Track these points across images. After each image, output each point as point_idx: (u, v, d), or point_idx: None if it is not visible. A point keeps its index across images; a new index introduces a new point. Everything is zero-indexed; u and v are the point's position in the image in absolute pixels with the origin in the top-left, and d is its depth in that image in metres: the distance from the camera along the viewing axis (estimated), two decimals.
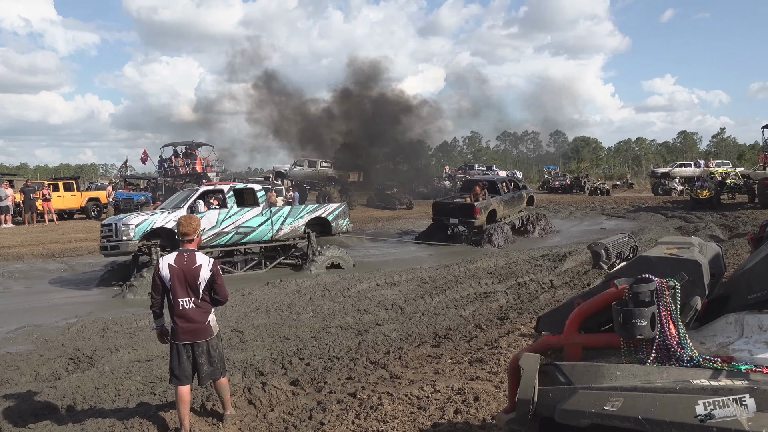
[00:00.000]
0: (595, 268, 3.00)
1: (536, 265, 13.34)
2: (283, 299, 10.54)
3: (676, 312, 2.40)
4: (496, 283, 11.68)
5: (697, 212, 27.42)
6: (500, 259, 14.21)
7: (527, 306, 9.72)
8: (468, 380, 5.93)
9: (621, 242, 3.20)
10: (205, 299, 4.91)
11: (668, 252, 2.75)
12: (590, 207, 35.06)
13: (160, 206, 14.83)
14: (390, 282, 11.90)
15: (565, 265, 13.17)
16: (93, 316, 9.86)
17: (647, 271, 2.50)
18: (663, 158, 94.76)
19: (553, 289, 11.02)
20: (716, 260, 3.09)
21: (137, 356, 7.53)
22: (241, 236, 13.83)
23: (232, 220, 13.68)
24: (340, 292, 11.00)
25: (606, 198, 41.00)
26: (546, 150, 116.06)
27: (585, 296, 2.67)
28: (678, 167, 47.23)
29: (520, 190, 23.04)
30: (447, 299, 10.41)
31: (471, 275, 12.50)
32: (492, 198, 20.08)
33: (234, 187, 14.26)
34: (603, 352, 2.53)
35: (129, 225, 12.68)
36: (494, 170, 53.22)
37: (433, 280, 12.09)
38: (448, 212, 19.69)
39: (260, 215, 14.09)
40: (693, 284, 2.52)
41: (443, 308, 9.79)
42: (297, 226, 14.75)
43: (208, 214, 13.34)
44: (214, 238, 13.46)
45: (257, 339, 8.18)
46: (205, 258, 4.95)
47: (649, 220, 25.82)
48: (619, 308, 2.35)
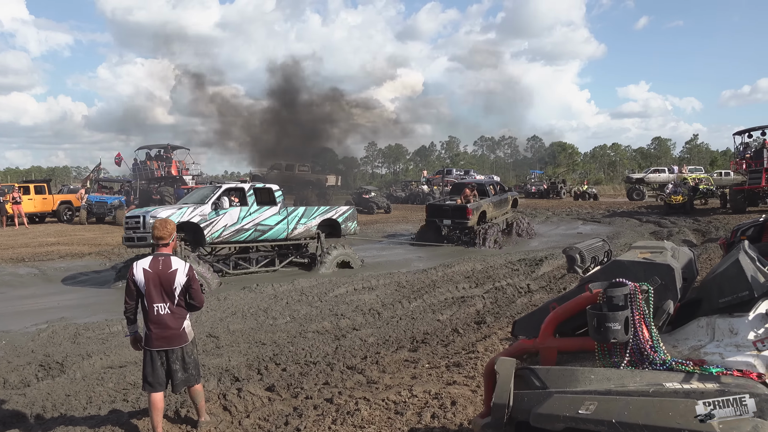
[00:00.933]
0: (570, 273, 3.03)
1: (513, 270, 13.43)
2: (259, 304, 10.46)
3: (649, 316, 2.44)
4: (474, 287, 11.73)
5: (671, 217, 27.88)
6: (477, 264, 14.29)
7: (504, 310, 9.77)
8: (445, 385, 5.94)
9: (595, 247, 3.23)
10: (180, 305, 4.85)
11: (642, 256, 2.79)
12: (566, 212, 35.46)
13: (182, 201, 15.16)
14: (367, 286, 11.89)
15: (541, 270, 13.28)
16: (64, 321, 9.69)
17: (621, 276, 2.53)
18: (638, 164, 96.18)
19: (530, 293, 11.10)
20: (688, 265, 3.14)
21: (110, 362, 7.42)
22: (259, 234, 14.29)
23: (252, 218, 14.16)
24: (318, 297, 10.96)
25: (582, 203, 41.48)
26: (523, 155, 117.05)
27: (560, 300, 2.69)
28: (652, 173, 47.96)
29: (505, 192, 23.89)
30: (424, 304, 10.43)
31: (448, 279, 12.54)
32: (482, 200, 20.83)
33: (254, 185, 14.81)
34: (578, 356, 2.55)
35: (157, 217, 12.69)
36: (472, 175, 53.55)
37: (410, 284, 12.11)
38: (441, 214, 20.42)
39: (277, 214, 14.59)
40: (666, 288, 2.56)
41: (421, 313, 9.80)
42: (310, 226, 15.26)
43: (231, 211, 13.83)
44: (234, 234, 13.90)
45: (233, 344, 8.11)
46: (181, 262, 4.90)
47: (624, 225, 26.17)
48: (593, 312, 2.38)
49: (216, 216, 13.60)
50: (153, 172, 35.10)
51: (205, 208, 13.55)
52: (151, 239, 4.96)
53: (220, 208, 13.65)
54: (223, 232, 13.70)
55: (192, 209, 13.44)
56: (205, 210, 13.53)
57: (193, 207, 13.55)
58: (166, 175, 35.26)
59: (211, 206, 13.60)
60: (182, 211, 13.32)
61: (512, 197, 24.37)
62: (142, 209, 14.31)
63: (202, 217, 13.44)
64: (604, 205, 38.34)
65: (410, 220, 31.27)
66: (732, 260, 2.71)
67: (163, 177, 35.18)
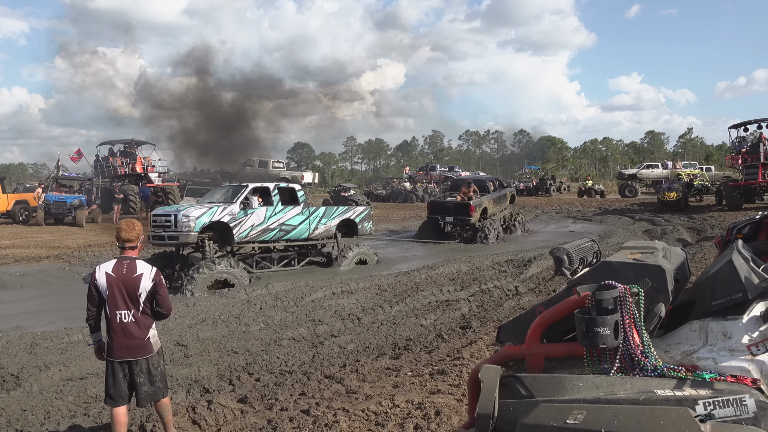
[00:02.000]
0: (558, 275, 3.05)
1: (500, 271, 13.50)
2: (231, 310, 10.41)
3: (639, 320, 2.46)
4: (459, 290, 11.78)
5: (664, 215, 28.24)
6: (463, 265, 14.35)
7: (491, 314, 9.83)
8: (429, 394, 5.96)
9: (584, 247, 3.26)
10: (145, 312, 4.81)
11: (632, 257, 2.82)
12: (556, 210, 35.74)
13: (205, 199, 15.77)
14: (347, 290, 11.89)
15: (530, 271, 13.37)
16: (20, 330, 9.55)
17: (610, 277, 2.56)
18: (630, 159, 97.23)
19: (518, 296, 11.17)
20: (681, 266, 3.17)
21: (69, 374, 7.32)
22: (283, 233, 15.10)
23: (278, 218, 14.93)
24: (293, 302, 10.93)
25: (572, 200, 41.82)
26: (510, 150, 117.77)
27: (547, 304, 2.71)
28: (645, 168, 48.51)
29: (504, 188, 24.74)
30: (407, 308, 10.45)
31: (432, 282, 12.58)
32: (483, 196, 21.65)
33: (279, 185, 15.70)
34: (566, 363, 2.57)
35: (190, 216, 13.53)
36: (456, 171, 53.79)
37: (392, 287, 12.12)
38: (443, 211, 21.32)
39: (300, 214, 15.42)
40: (657, 290, 2.59)
41: (403, 318, 9.82)
42: (330, 226, 16.18)
43: (258, 211, 14.52)
44: (261, 233, 14.63)
45: (203, 353, 8.06)
46: (147, 266, 4.85)
47: (616, 224, 26.45)
48: (581, 316, 2.39)
49: (244, 216, 14.29)
50: (116, 170, 34.72)
51: (234, 208, 14.19)
52: (117, 242, 4.91)
53: (248, 208, 14.38)
54: (250, 232, 14.38)
55: (222, 208, 14.03)
56: (234, 209, 14.18)
57: (223, 206, 14.13)
58: (130, 173, 34.88)
59: (239, 205, 14.27)
60: (213, 210, 13.91)
61: (510, 193, 25.30)
62: (172, 207, 15.50)
63: (232, 216, 14.08)
64: (595, 203, 38.72)
65: (392, 219, 31.32)
66: (725, 260, 2.75)
67: (127, 174, 34.79)
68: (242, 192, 14.65)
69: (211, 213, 13.80)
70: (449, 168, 57.40)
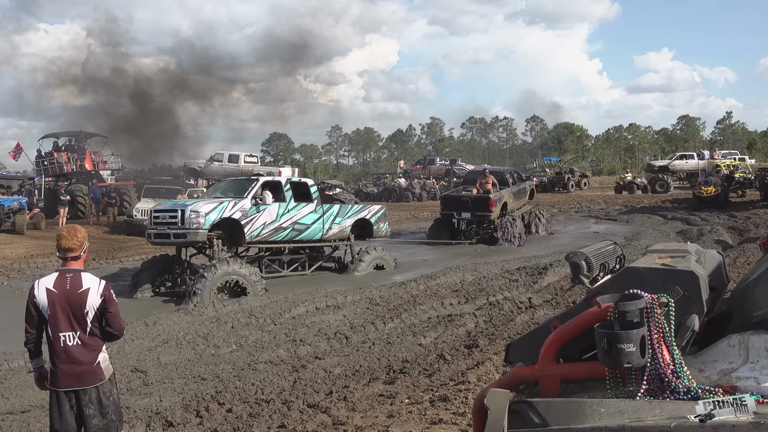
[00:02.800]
0: (575, 284, 3.06)
1: (511, 280, 13.55)
2: (198, 329, 10.40)
3: (669, 334, 2.47)
4: (463, 303, 11.82)
5: (701, 213, 28.40)
6: (467, 274, 14.40)
7: (501, 330, 9.86)
8: (429, 424, 5.97)
9: (605, 251, 3.27)
10: (94, 333, 4.78)
11: (660, 262, 2.83)
12: (575, 208, 35.88)
13: (210, 194, 16.40)
14: (333, 305, 11.90)
15: (546, 280, 13.42)
16: None
17: (636, 286, 2.56)
18: (661, 148, 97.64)
19: (532, 309, 11.22)
20: (717, 271, 3.19)
21: (9, 407, 7.30)
22: (296, 233, 15.72)
23: (290, 215, 15.53)
24: (270, 319, 10.94)
25: (594, 197, 41.92)
26: (522, 139, 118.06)
27: (563, 318, 2.72)
28: (678, 159, 48.68)
29: (523, 182, 25.49)
30: (403, 324, 10.47)
31: (432, 294, 12.61)
32: (503, 190, 22.22)
33: (290, 179, 16.44)
34: (585, 385, 2.58)
35: (200, 212, 13.99)
36: (459, 164, 53.84)
37: (385, 301, 12.15)
38: (459, 206, 21.78)
39: (314, 212, 16.05)
40: (689, 300, 2.60)
41: (398, 336, 9.84)
42: (344, 226, 16.89)
43: (270, 207, 15.00)
44: (272, 233, 15.19)
45: (165, 380, 8.05)
46: (94, 280, 4.83)
47: (645, 223, 26.60)
48: (602, 331, 2.40)
49: (256, 212, 14.80)
50: (62, 167, 34.51)
51: (245, 203, 14.68)
52: (58, 252, 4.89)
53: (261, 204, 14.86)
54: (261, 231, 14.82)
55: (233, 204, 14.51)
56: (245, 205, 14.66)
57: (234, 201, 14.62)
58: (78, 170, 34.71)
59: (250, 201, 14.77)
60: (224, 206, 14.33)
61: (530, 187, 26.02)
62: (178, 202, 16.01)
63: (243, 213, 14.51)
64: (620, 200, 38.88)
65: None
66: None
67: (75, 172, 34.63)
68: (253, 186, 15.17)
69: (221, 209, 14.23)
70: (450, 161, 57.36)
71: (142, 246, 23.56)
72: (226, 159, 37.20)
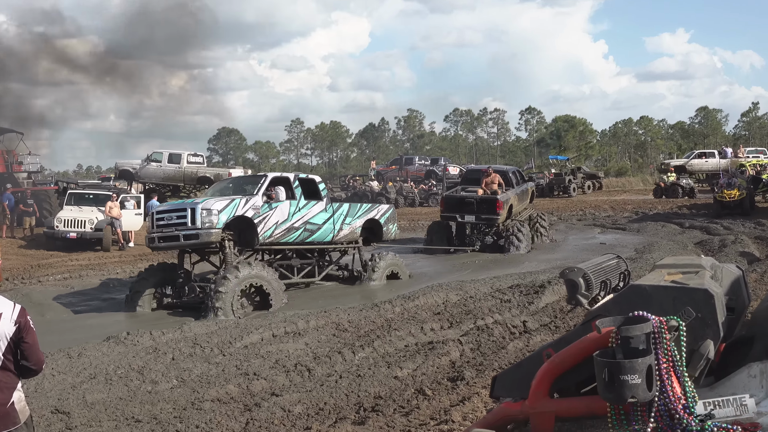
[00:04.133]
0: (572, 304, 3.10)
1: (503, 301, 13.60)
2: (131, 361, 10.31)
3: (680, 363, 2.51)
4: (447, 327, 11.84)
5: (724, 220, 28.68)
6: (451, 293, 14.43)
7: (490, 360, 9.89)
8: None
9: (606, 267, 3.31)
10: (6, 368, 4.73)
11: (669, 279, 2.87)
12: (577, 215, 36.13)
13: (212, 192, 17.19)
14: (292, 331, 11.86)
15: (543, 300, 13.50)
16: None
17: (641, 307, 2.60)
18: (676, 145, 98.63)
19: (527, 334, 11.28)
20: (736, 289, 3.22)
21: None
22: (308, 234, 16.60)
23: (302, 214, 16.42)
24: (218, 348, 10.87)
25: (599, 202, 42.19)
26: (515, 135, 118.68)
27: (557, 345, 2.75)
28: (697, 158, 49.13)
29: (525, 182, 26.43)
30: (376, 354, 10.47)
31: (410, 318, 12.62)
32: (509, 190, 23.04)
33: (298, 175, 17.34)
34: (584, 424, 2.61)
35: (212, 210, 14.65)
36: (442, 164, 53.92)
37: (355, 326, 12.13)
38: (462, 208, 22.53)
39: (324, 211, 17.01)
40: (703, 323, 2.64)
41: (370, 367, 9.83)
42: (355, 227, 17.83)
43: (282, 205, 15.88)
44: (285, 233, 16.00)
45: (92, 423, 7.98)
46: (8, 304, 4.77)
47: (658, 233, 26.84)
48: (603, 360, 2.43)
49: (268, 210, 15.59)
50: None
51: (257, 200, 15.48)
52: None
53: (274, 201, 15.71)
54: (274, 231, 15.56)
55: (245, 201, 15.25)
56: (257, 202, 15.45)
57: (246, 198, 15.39)
58: None
59: (261, 197, 15.59)
60: (236, 203, 15.07)
61: (531, 188, 27.00)
62: (187, 201, 16.92)
63: (255, 210, 15.22)
64: (630, 205, 39.22)
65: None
66: None
67: None
68: (262, 182, 16.02)
69: (233, 206, 14.94)
70: (431, 160, 57.45)
71: (66, 262, 23.37)
72: (165, 159, 36.89)
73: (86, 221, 26.98)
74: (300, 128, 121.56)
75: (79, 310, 15.96)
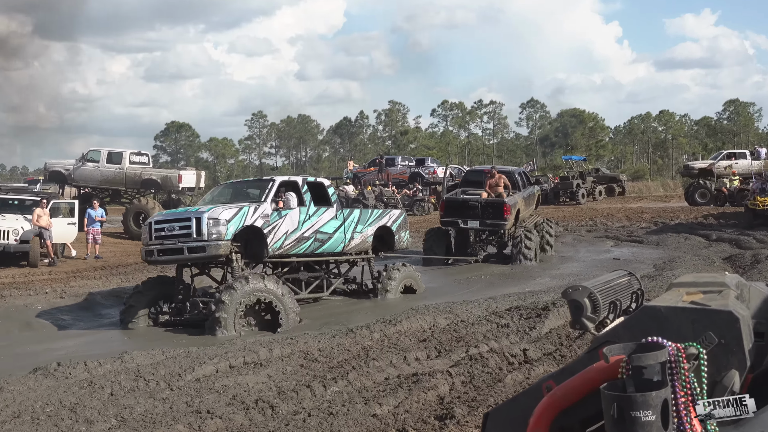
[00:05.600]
0: (576, 329, 3.12)
1: (500, 326, 13.63)
2: (62, 397, 10.25)
3: (701, 397, 2.53)
4: (434, 357, 11.85)
5: (757, 231, 28.83)
6: (440, 317, 14.44)
7: (485, 395, 9.90)
8: None
9: (616, 285, 3.33)
10: None
11: (688, 299, 2.89)
12: (586, 226, 36.25)
13: (213, 200, 17.48)
14: (253, 361, 11.84)
15: (546, 324, 13.52)
16: None
17: (656, 332, 2.62)
18: (701, 144, 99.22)
19: (528, 364, 11.30)
20: (765, 311, 3.24)
21: None
22: (318, 244, 17.37)
23: (312, 222, 17.14)
24: (165, 382, 10.83)
25: (611, 210, 42.30)
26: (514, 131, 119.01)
27: (559, 376, 2.77)
28: (725, 159, 49.34)
29: (531, 185, 27.26)
30: (351, 388, 10.45)
31: (391, 345, 12.62)
32: (515, 193, 23.72)
33: (306, 179, 18.18)
34: None
35: (219, 219, 15.17)
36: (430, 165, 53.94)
37: (326, 355, 12.12)
38: (465, 213, 23.12)
39: (335, 218, 17.79)
40: (727, 351, 2.66)
41: (344, 404, 9.82)
42: (366, 236, 18.67)
43: (291, 214, 16.52)
44: (295, 244, 16.74)
45: None
46: None
47: (681, 247, 27.00)
48: (611, 394, 2.45)
49: (278, 218, 16.20)
50: None
51: (266, 207, 16.09)
52: None
53: (285, 208, 16.37)
54: (284, 242, 16.13)
55: (253, 209, 15.85)
56: (265, 209, 16.05)
57: (254, 206, 15.98)
58: None
59: (270, 204, 16.22)
60: (244, 211, 15.64)
61: (537, 192, 27.98)
62: (189, 209, 17.56)
63: (265, 219, 15.74)
64: (648, 214, 39.40)
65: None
66: None
67: None
68: (270, 187, 16.62)
69: (242, 215, 15.51)
70: (417, 161, 57.40)
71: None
72: (104, 158, 36.62)
73: (9, 231, 26.71)
74: (263, 123, 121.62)
75: None
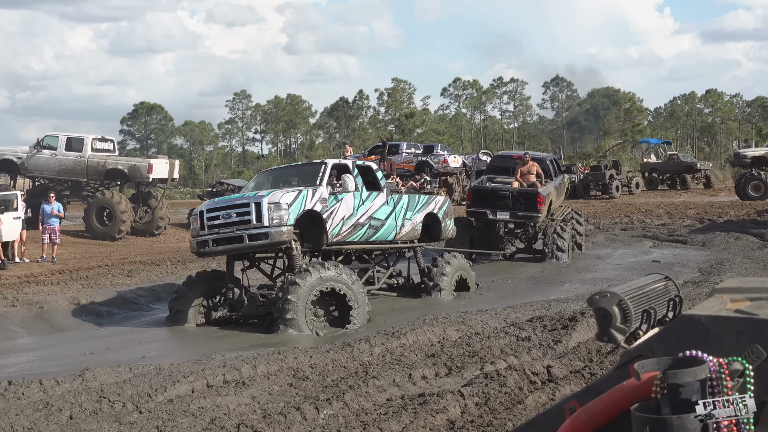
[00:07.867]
0: (604, 342, 3.13)
1: (519, 339, 13.62)
2: (14, 421, 10.28)
3: (747, 419, 2.55)
4: (444, 375, 11.85)
5: None
6: (450, 329, 14.43)
7: (502, 419, 9.90)
8: None
9: (650, 291, 3.35)
10: None
11: (733, 307, 2.90)
12: (621, 224, 36.15)
13: (251, 188, 18.36)
14: (234, 380, 11.85)
15: (574, 338, 13.51)
16: None
17: (695, 346, 2.63)
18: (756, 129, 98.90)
19: (552, 383, 11.28)
20: None
21: None
22: (372, 231, 18.48)
23: (365, 208, 18.22)
24: (133, 403, 10.85)
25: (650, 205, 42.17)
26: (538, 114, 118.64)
27: (583, 396, 2.80)
28: None
29: (562, 173, 27.80)
30: (347, 410, 10.47)
31: (395, 361, 12.62)
32: (548, 183, 24.37)
33: (356, 162, 19.59)
34: None
35: (280, 203, 16.12)
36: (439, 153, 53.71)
37: (319, 372, 12.13)
38: (494, 203, 23.81)
39: (386, 204, 18.90)
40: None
41: (340, 429, 9.84)
42: (416, 223, 19.81)
43: (347, 198, 17.55)
44: (351, 231, 17.81)
45: None
46: None
47: (731, 248, 26.98)
48: (643, 416, 2.47)
49: (335, 203, 17.25)
50: None
51: (323, 191, 17.09)
52: None
53: (342, 191, 17.39)
54: (341, 228, 16.93)
55: (311, 192, 16.84)
56: (323, 193, 17.06)
57: (312, 189, 16.97)
58: None
59: (326, 187, 17.22)
60: (303, 195, 16.63)
61: (568, 182, 29.21)
62: (245, 194, 17.99)
63: (323, 204, 16.57)
64: (693, 210, 39.31)
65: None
66: None
67: None
68: (323, 169, 17.65)
69: (302, 199, 16.50)
70: (424, 148, 57.14)
71: None
72: (62, 145, 36.41)
73: None
74: (246, 104, 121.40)
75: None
